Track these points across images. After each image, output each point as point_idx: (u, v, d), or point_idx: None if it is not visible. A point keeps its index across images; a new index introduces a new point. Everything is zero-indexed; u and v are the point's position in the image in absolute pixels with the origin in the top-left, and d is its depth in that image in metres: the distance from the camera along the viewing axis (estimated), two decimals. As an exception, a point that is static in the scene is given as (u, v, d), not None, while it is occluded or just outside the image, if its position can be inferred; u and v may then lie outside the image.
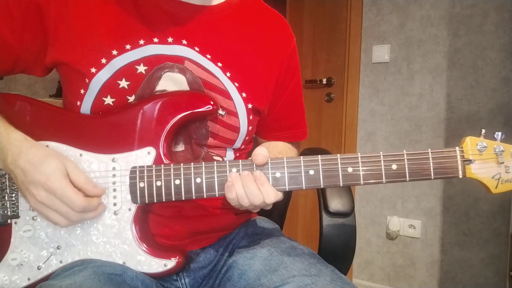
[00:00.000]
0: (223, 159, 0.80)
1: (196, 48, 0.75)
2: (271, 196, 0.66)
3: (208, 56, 0.75)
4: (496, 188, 0.68)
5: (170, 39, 0.73)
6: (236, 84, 0.77)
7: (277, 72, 0.83)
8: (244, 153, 0.88)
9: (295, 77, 0.88)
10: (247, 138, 0.82)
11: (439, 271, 2.13)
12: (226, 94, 0.76)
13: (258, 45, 0.81)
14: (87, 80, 0.70)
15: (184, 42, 0.74)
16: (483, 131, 0.68)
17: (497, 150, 0.67)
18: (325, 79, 2.44)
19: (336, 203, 0.83)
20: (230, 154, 0.81)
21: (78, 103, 0.72)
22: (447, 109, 2.07)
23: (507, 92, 1.93)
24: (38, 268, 0.68)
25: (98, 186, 0.67)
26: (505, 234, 1.93)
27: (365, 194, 2.32)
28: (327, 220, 0.83)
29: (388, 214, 2.26)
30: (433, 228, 2.14)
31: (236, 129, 0.78)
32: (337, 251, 0.86)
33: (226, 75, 0.76)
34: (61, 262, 0.68)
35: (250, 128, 0.81)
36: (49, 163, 0.63)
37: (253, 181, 0.66)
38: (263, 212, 0.93)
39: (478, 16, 1.98)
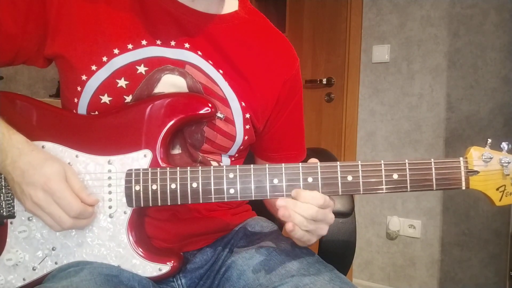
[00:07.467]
0: (219, 164, 0.79)
1: (199, 53, 0.74)
2: (318, 198, 0.64)
3: (211, 62, 0.74)
4: (500, 200, 0.66)
5: (173, 43, 0.72)
6: (237, 93, 0.76)
7: (279, 91, 0.80)
8: (240, 162, 0.86)
9: (296, 98, 0.85)
10: (241, 147, 0.80)
11: (439, 271, 2.13)
12: (225, 102, 0.75)
13: (262, 61, 0.79)
14: (84, 77, 0.70)
15: (187, 46, 0.73)
16: (489, 140, 0.65)
17: (503, 161, 0.64)
18: (325, 79, 2.44)
19: (336, 203, 0.82)
20: (225, 160, 0.81)
21: (76, 100, 0.71)
22: (447, 109, 2.07)
23: (507, 92, 1.93)
24: (34, 269, 0.67)
25: (92, 195, 0.66)
26: (505, 234, 1.93)
27: (365, 194, 2.31)
28: (327, 220, 0.83)
29: (388, 214, 2.25)
30: (433, 228, 2.13)
31: (232, 137, 0.77)
32: (337, 251, 0.86)
33: (227, 82, 0.75)
34: (56, 263, 0.67)
35: (246, 137, 0.79)
36: (50, 165, 0.63)
37: (297, 202, 0.64)
38: (262, 212, 0.93)
39: (478, 16, 1.97)
